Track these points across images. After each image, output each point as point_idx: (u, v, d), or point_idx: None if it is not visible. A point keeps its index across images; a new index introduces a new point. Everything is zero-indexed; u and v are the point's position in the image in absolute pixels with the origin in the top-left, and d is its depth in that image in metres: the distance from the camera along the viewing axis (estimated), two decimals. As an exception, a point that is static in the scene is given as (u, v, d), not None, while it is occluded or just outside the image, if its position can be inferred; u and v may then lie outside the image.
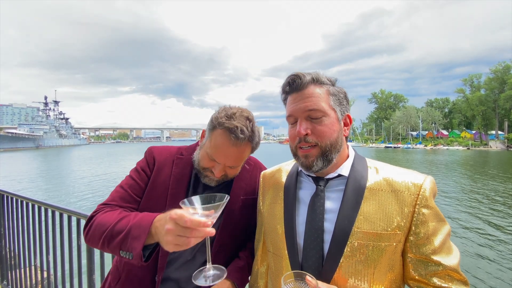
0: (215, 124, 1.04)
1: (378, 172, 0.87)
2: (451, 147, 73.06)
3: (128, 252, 0.84)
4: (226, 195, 0.82)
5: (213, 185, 1.11)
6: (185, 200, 0.79)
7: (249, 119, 1.06)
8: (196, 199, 0.82)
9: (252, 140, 1.06)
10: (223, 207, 0.80)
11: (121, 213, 0.96)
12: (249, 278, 1.14)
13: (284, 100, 0.94)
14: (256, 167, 1.28)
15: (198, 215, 0.74)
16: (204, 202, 0.81)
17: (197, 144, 1.22)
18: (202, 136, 1.14)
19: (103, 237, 0.90)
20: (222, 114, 1.05)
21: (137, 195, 1.09)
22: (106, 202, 1.06)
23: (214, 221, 0.77)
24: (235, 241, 1.17)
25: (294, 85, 0.87)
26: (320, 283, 0.74)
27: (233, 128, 1.00)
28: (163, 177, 1.12)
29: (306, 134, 0.83)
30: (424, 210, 0.78)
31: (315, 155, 0.84)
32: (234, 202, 1.13)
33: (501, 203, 12.60)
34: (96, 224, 0.95)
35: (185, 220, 0.71)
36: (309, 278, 0.72)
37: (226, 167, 1.06)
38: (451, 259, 0.78)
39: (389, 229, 0.78)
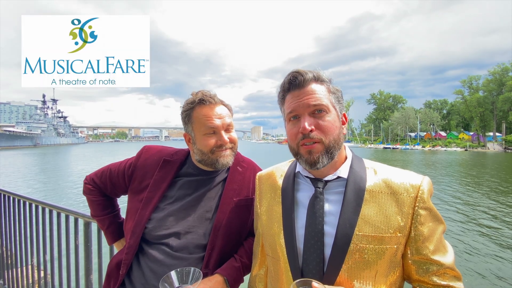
0: (188, 111, 1.17)
1: (376, 173, 0.87)
2: (449, 148, 73.26)
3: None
4: (199, 271, 0.85)
5: (230, 162, 1.18)
6: (165, 284, 0.81)
7: (206, 91, 1.19)
8: (173, 275, 0.83)
9: (222, 101, 1.19)
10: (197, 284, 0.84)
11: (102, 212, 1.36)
12: (248, 281, 1.12)
13: (282, 99, 0.91)
14: (249, 169, 1.27)
15: None
16: (180, 279, 0.82)
17: (188, 151, 1.29)
18: (188, 140, 1.22)
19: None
20: (185, 102, 1.19)
21: (115, 184, 1.30)
22: (94, 179, 1.34)
23: None
24: (229, 243, 1.15)
25: (296, 82, 0.85)
26: (327, 287, 0.73)
27: (202, 98, 1.14)
28: (145, 178, 1.21)
29: (311, 130, 0.82)
30: (423, 212, 0.79)
31: (320, 151, 0.82)
32: (226, 204, 1.15)
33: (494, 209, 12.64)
34: (89, 204, 1.36)
35: None
36: (316, 284, 0.70)
37: (225, 131, 1.16)
38: (447, 257, 0.79)
39: (390, 232, 0.78)
